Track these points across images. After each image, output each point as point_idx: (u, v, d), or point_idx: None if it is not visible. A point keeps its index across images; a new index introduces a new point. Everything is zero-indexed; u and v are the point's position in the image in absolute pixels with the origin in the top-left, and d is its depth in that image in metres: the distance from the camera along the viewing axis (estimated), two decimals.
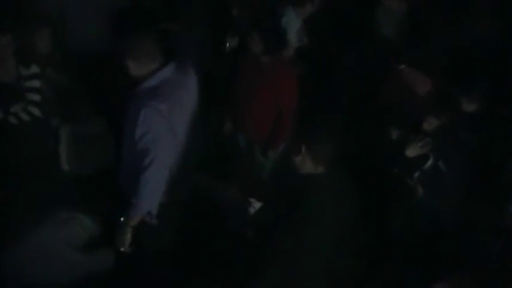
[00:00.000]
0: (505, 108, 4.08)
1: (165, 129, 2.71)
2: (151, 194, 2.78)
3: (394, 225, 3.52)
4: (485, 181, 3.85)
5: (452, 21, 4.37)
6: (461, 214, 3.46)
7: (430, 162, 3.34)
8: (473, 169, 3.78)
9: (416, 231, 3.40)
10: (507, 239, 2.90)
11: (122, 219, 2.84)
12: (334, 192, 2.24)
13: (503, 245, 2.86)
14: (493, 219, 3.25)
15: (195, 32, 4.06)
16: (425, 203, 3.38)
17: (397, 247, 3.43)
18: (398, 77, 3.91)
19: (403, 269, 3.31)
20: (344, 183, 2.35)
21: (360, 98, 4.21)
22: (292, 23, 4.42)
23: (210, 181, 3.41)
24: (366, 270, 3.37)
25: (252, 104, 3.60)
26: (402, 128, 3.49)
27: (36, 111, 3.49)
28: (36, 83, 3.48)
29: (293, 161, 2.25)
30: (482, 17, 4.40)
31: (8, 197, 3.25)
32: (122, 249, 2.87)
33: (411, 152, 3.33)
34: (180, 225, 2.98)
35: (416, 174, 3.33)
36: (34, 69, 3.48)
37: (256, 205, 2.98)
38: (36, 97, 3.49)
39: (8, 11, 3.60)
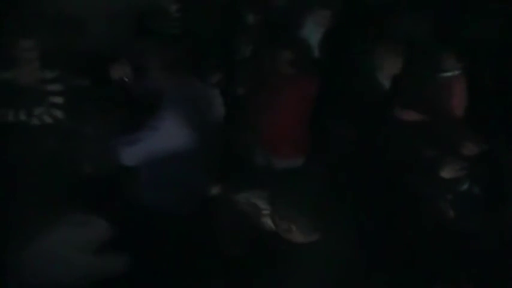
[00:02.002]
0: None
1: (184, 139, 2.72)
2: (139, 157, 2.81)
3: (403, 230, 3.46)
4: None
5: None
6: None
7: (466, 186, 3.27)
8: None
9: (424, 235, 3.34)
10: (506, 240, 2.84)
11: None
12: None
13: (502, 245, 2.78)
14: (493, 220, 3.17)
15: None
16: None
17: (403, 249, 3.37)
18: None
19: (405, 270, 3.25)
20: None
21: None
22: (312, 34, 4.25)
23: (224, 193, 3.40)
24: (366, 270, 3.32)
25: (269, 116, 3.49)
26: (436, 149, 3.42)
27: (58, 113, 3.57)
28: (59, 86, 3.55)
29: (283, 235, 2.14)
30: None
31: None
32: None
33: (447, 173, 3.27)
34: (188, 235, 2.99)
35: (450, 196, 3.26)
36: (57, 72, 3.54)
37: None
38: (59, 100, 3.56)
39: (32, 15, 3.68)
